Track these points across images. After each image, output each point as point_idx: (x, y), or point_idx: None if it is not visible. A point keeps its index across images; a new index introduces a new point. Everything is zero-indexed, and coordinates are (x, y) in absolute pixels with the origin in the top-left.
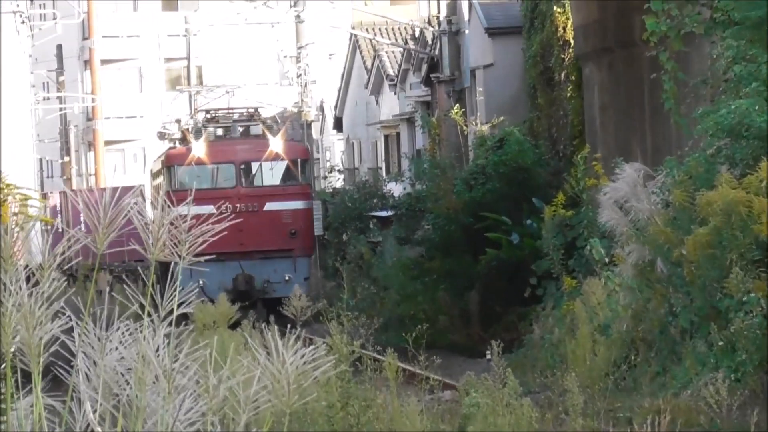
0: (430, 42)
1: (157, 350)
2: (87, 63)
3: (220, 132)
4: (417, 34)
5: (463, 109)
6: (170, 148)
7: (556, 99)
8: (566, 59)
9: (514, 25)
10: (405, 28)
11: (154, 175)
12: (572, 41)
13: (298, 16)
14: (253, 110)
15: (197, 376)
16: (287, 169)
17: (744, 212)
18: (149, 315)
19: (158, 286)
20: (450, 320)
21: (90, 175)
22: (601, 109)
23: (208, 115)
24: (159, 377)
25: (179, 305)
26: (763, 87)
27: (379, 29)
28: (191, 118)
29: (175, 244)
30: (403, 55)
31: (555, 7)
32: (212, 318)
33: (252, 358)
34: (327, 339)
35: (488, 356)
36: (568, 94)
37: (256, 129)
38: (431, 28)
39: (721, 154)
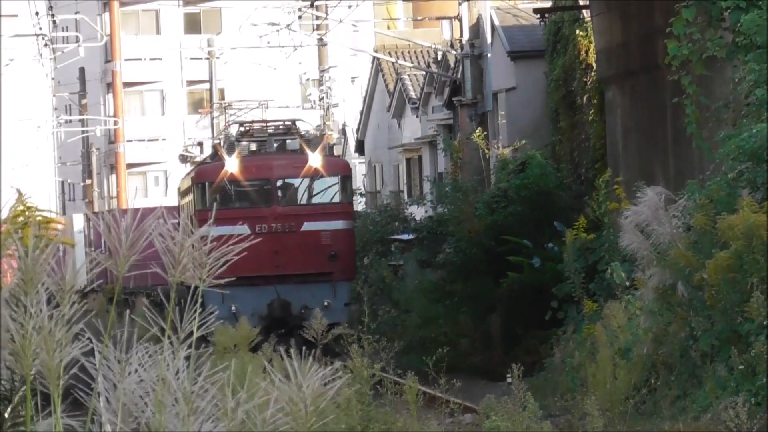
0: (452, 65)
1: (177, 373)
2: (109, 86)
3: (254, 147)
4: (439, 57)
5: (485, 133)
6: (200, 163)
7: (579, 122)
8: (589, 83)
9: (537, 49)
10: (427, 52)
11: (183, 194)
12: (595, 65)
13: (320, 40)
14: (290, 123)
15: (216, 399)
16: (327, 186)
17: (765, 236)
18: (169, 338)
19: (189, 310)
20: (471, 343)
21: (112, 197)
22: (623, 133)
23: (242, 129)
24: (178, 400)
25: (198, 328)
26: None
27: (402, 52)
28: (223, 131)
29: (199, 266)
30: (425, 79)
31: (578, 31)
32: (233, 341)
33: (269, 381)
34: (348, 362)
35: (509, 379)
36: (591, 118)
37: (294, 143)
38: (454, 52)
39: (743, 177)
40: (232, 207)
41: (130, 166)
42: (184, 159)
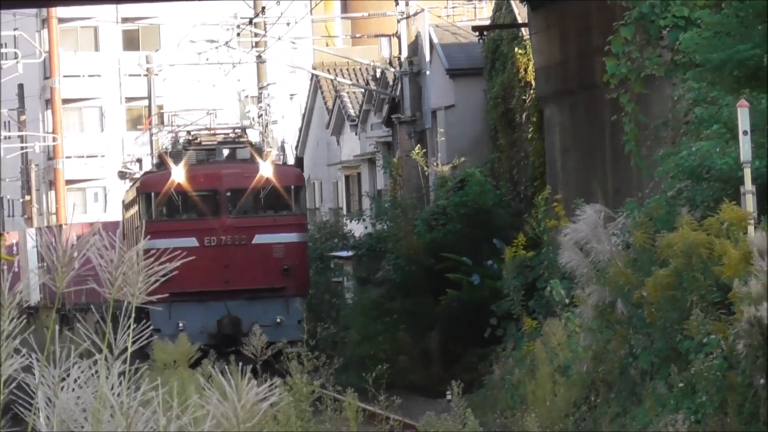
0: (391, 83)
1: (112, 388)
2: (48, 102)
3: (202, 155)
4: (378, 74)
5: (424, 150)
6: (146, 173)
7: (517, 140)
8: (527, 101)
9: (476, 67)
10: (366, 69)
11: (127, 206)
12: (534, 83)
13: (259, 57)
14: (240, 131)
15: (150, 417)
16: (279, 197)
17: (704, 254)
18: (107, 354)
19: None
20: (410, 360)
21: (51, 214)
22: (562, 151)
23: (190, 137)
24: (114, 415)
25: (134, 343)
26: (723, 129)
27: (341, 70)
28: (170, 140)
29: (132, 283)
30: (364, 96)
31: (516, 49)
32: (173, 357)
33: (200, 396)
34: (288, 378)
35: (448, 396)
36: (529, 136)
37: (244, 152)
38: (392, 69)
39: (682, 195)
40: (179, 219)
41: (69, 182)
42: (123, 175)
